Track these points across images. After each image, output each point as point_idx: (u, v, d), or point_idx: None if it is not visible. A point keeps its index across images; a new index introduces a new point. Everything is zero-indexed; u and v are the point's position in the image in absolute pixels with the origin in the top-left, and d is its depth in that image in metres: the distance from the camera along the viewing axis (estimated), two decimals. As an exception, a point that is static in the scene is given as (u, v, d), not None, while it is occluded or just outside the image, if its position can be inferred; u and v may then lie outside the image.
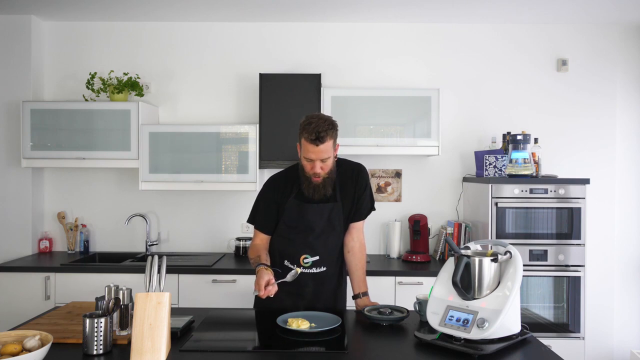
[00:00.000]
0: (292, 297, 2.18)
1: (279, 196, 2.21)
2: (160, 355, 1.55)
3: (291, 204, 2.18)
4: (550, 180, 3.16)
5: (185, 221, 3.76)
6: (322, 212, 2.17)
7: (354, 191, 2.22)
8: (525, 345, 1.74)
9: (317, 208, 2.16)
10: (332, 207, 2.18)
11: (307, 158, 2.08)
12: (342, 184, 2.21)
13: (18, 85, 3.57)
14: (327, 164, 2.09)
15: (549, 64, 3.73)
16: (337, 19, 3.68)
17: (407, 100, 3.40)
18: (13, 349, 1.50)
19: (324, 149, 2.04)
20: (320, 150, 2.03)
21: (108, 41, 3.76)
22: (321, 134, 2.01)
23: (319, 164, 2.07)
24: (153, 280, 1.63)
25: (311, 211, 2.16)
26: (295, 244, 2.19)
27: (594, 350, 3.63)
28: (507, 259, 1.73)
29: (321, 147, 2.03)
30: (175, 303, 3.08)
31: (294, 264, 2.18)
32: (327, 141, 2.04)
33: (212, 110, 3.75)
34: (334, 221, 2.19)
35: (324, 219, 2.17)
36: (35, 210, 3.64)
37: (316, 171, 2.08)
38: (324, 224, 2.18)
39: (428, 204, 3.74)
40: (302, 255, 2.18)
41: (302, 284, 2.18)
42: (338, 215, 2.19)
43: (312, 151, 2.04)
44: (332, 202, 2.18)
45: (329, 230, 2.19)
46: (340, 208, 2.19)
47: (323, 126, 2.03)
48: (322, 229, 2.18)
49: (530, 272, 3.12)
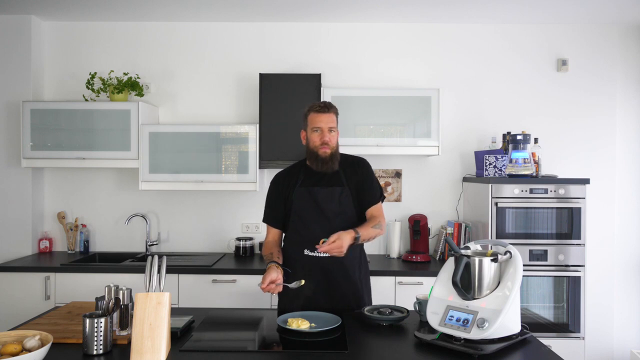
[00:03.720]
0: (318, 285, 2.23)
1: (284, 188, 2.33)
2: (160, 355, 1.55)
3: (299, 192, 2.28)
4: (550, 180, 3.16)
5: (185, 221, 3.76)
6: (332, 195, 2.26)
7: (357, 178, 2.32)
8: (525, 345, 1.74)
9: (327, 192, 2.26)
10: (341, 191, 2.28)
11: (316, 127, 2.26)
12: (345, 172, 2.32)
13: (18, 85, 3.57)
14: (333, 137, 2.27)
15: (549, 64, 3.73)
16: (337, 19, 3.68)
17: (407, 100, 3.40)
18: (13, 349, 1.50)
19: (330, 118, 2.26)
20: (327, 118, 2.25)
21: (108, 41, 3.76)
22: (327, 103, 2.30)
23: (327, 134, 2.24)
24: (153, 280, 1.63)
25: (321, 195, 2.26)
26: (311, 231, 2.24)
27: (594, 350, 3.63)
28: (507, 259, 1.73)
29: (327, 116, 2.26)
30: (175, 303, 3.08)
31: (314, 250, 2.21)
32: (332, 113, 2.28)
33: (212, 110, 3.75)
34: (345, 205, 2.27)
35: (334, 202, 2.26)
36: (35, 210, 3.64)
37: (325, 139, 2.24)
38: (336, 207, 2.26)
39: (428, 204, 3.74)
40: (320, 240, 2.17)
41: (324, 272, 2.23)
42: (347, 199, 2.28)
43: (321, 119, 2.25)
44: (340, 186, 2.28)
45: (341, 213, 2.26)
46: (349, 192, 2.28)
47: (328, 102, 2.32)
48: (334, 213, 2.25)
49: (530, 272, 3.12)
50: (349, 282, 2.28)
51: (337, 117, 2.31)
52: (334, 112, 2.29)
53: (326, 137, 2.24)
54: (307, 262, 2.25)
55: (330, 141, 2.25)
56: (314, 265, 2.24)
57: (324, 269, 2.24)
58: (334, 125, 2.28)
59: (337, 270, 2.25)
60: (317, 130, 2.26)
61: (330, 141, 2.25)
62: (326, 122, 2.25)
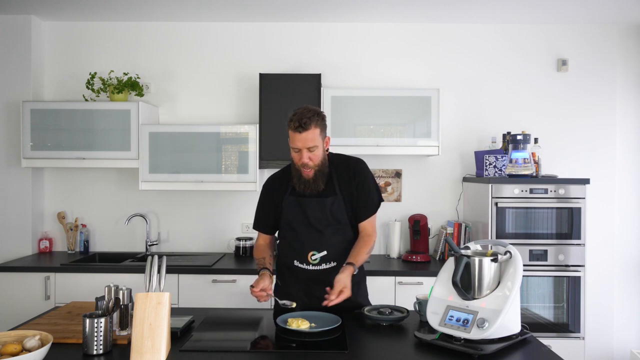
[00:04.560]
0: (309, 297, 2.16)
1: (275, 194, 2.22)
2: (160, 355, 1.55)
3: (289, 201, 2.18)
4: (550, 180, 3.16)
5: (185, 221, 3.76)
6: (322, 206, 2.13)
7: (353, 185, 2.17)
8: (525, 345, 1.74)
9: (317, 202, 2.13)
10: (333, 201, 2.14)
11: (294, 148, 2.08)
12: (339, 177, 2.17)
13: (18, 85, 3.57)
14: (315, 155, 2.07)
15: (549, 64, 3.73)
16: (337, 19, 3.68)
17: (407, 100, 3.40)
18: (13, 349, 1.50)
19: (308, 137, 2.04)
20: (304, 138, 2.03)
21: (108, 41, 3.76)
22: (303, 121, 2.02)
23: (307, 153, 2.06)
24: (153, 280, 1.63)
25: (311, 206, 2.14)
26: (301, 241, 2.17)
27: (594, 350, 3.63)
28: (507, 259, 1.73)
29: (305, 135, 2.03)
30: (175, 303, 3.08)
31: (303, 262, 2.16)
32: (311, 129, 2.03)
33: (212, 110, 3.75)
34: (337, 215, 2.14)
35: (325, 213, 2.13)
36: (35, 210, 3.64)
37: (304, 161, 2.07)
38: (327, 218, 2.14)
39: (428, 204, 3.74)
40: (309, 253, 2.15)
41: (316, 283, 2.14)
42: (340, 208, 2.15)
43: (297, 139, 2.05)
44: (332, 196, 2.14)
45: (334, 224, 2.15)
46: (342, 201, 2.15)
47: (306, 114, 2.04)
48: (326, 224, 2.15)
49: (530, 272, 3.12)
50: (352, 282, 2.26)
51: (321, 128, 2.08)
52: (315, 126, 2.04)
53: (304, 158, 2.06)
54: (299, 273, 2.19)
55: (312, 160, 2.07)
56: (305, 276, 2.18)
57: (316, 280, 2.15)
58: (314, 144, 2.05)
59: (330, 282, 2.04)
60: (296, 151, 2.09)
61: (312, 160, 2.07)
62: (304, 142, 2.04)
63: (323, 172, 2.13)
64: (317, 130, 2.06)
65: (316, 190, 2.13)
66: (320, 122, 2.08)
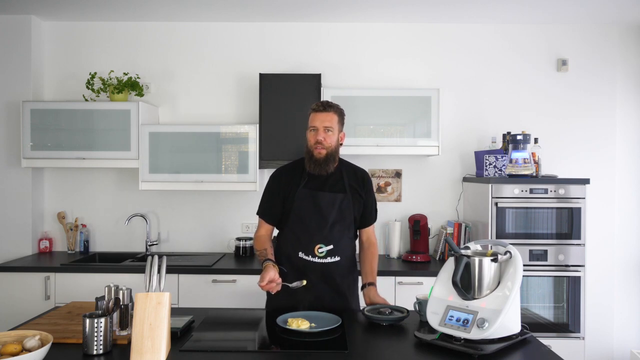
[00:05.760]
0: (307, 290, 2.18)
1: (285, 186, 2.26)
2: (160, 355, 1.55)
3: (302, 194, 2.22)
4: (550, 180, 3.16)
5: (185, 221, 3.76)
6: (334, 201, 2.21)
7: (363, 191, 2.29)
8: (525, 345, 1.74)
9: (329, 197, 2.21)
10: (343, 198, 2.23)
11: (312, 126, 2.20)
12: (349, 178, 2.28)
13: (18, 85, 3.57)
14: (329, 136, 2.18)
15: (549, 64, 3.73)
16: (337, 19, 3.68)
17: (407, 100, 3.40)
18: (13, 349, 1.50)
19: (327, 117, 2.18)
20: (323, 117, 2.17)
21: (108, 41, 3.76)
22: (326, 103, 2.21)
23: (322, 133, 2.16)
24: (153, 280, 1.63)
25: (324, 200, 2.21)
26: (309, 234, 2.21)
27: (594, 350, 3.63)
28: (507, 259, 1.73)
29: (324, 115, 2.17)
30: (175, 303, 3.08)
31: (309, 254, 2.19)
32: (331, 112, 2.19)
33: (212, 110, 3.75)
34: (345, 212, 2.23)
35: (335, 208, 2.21)
36: (35, 210, 3.64)
37: (318, 138, 2.16)
38: (336, 213, 2.21)
39: (428, 204, 3.74)
40: (317, 245, 2.19)
41: (317, 275, 2.20)
42: (348, 206, 2.23)
43: (317, 118, 2.18)
44: (342, 193, 2.23)
45: (340, 220, 2.22)
46: (350, 200, 2.24)
47: (330, 102, 2.24)
48: (334, 219, 2.21)
49: (530, 272, 3.12)
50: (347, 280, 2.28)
51: (339, 117, 2.22)
52: (335, 112, 2.20)
53: (320, 135, 2.15)
54: (301, 264, 2.21)
55: (325, 140, 2.16)
56: (308, 268, 2.20)
57: (319, 272, 2.20)
58: (332, 125, 2.17)
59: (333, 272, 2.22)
60: (313, 130, 2.19)
61: (325, 140, 2.16)
62: (322, 120, 2.16)
63: (334, 158, 2.22)
64: (335, 116, 2.20)
65: (325, 171, 2.21)
66: (340, 112, 2.24)
